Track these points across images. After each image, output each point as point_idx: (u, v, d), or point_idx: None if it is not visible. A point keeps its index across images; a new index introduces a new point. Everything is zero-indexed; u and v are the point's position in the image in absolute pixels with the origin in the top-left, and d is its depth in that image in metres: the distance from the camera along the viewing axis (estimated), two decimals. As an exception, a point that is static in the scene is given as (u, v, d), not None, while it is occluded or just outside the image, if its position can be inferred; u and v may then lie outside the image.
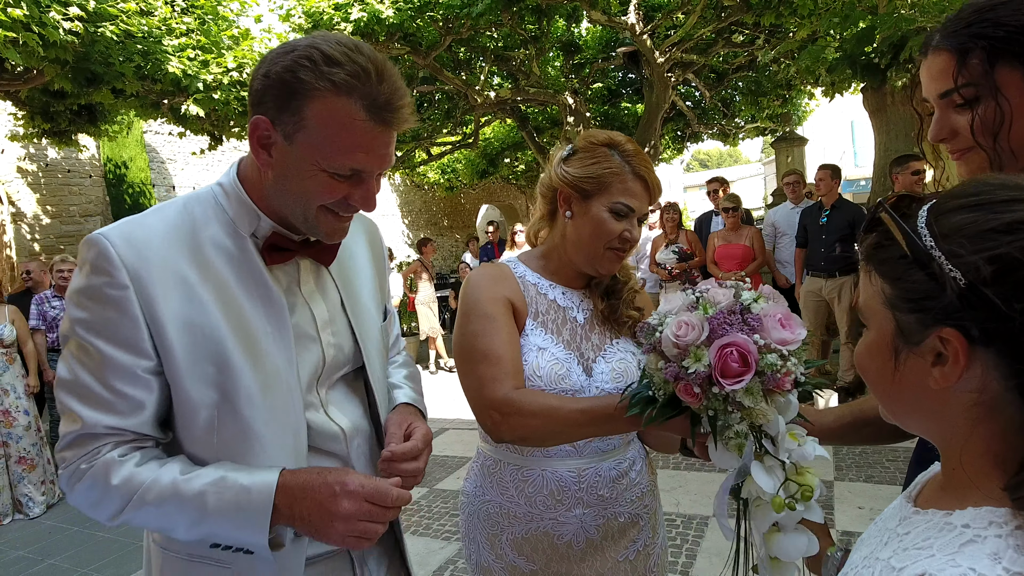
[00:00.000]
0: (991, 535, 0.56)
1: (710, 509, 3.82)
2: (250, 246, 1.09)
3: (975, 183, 0.62)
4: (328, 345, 1.16)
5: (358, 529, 1.01)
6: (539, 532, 1.38)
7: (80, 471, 1.01)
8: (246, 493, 0.99)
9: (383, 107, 0.99)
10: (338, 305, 1.20)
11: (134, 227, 1.05)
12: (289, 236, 1.12)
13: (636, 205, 1.35)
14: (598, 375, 1.38)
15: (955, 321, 0.57)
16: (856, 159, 21.24)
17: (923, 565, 0.56)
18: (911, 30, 4.29)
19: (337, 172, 1.02)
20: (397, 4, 8.86)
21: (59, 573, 3.78)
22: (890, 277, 0.63)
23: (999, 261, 0.55)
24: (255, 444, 1.06)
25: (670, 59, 10.37)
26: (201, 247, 1.06)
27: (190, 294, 1.03)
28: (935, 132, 1.02)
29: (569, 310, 1.44)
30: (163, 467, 1.02)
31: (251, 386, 1.05)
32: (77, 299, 1.02)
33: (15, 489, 4.67)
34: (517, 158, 16.40)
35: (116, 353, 1.00)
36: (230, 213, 1.09)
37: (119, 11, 6.69)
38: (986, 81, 0.93)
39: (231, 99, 7.95)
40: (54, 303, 5.68)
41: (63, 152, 12.52)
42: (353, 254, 1.27)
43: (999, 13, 0.93)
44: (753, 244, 6.17)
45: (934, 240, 0.59)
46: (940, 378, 0.60)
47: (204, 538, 1.03)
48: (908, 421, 0.68)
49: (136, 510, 1.00)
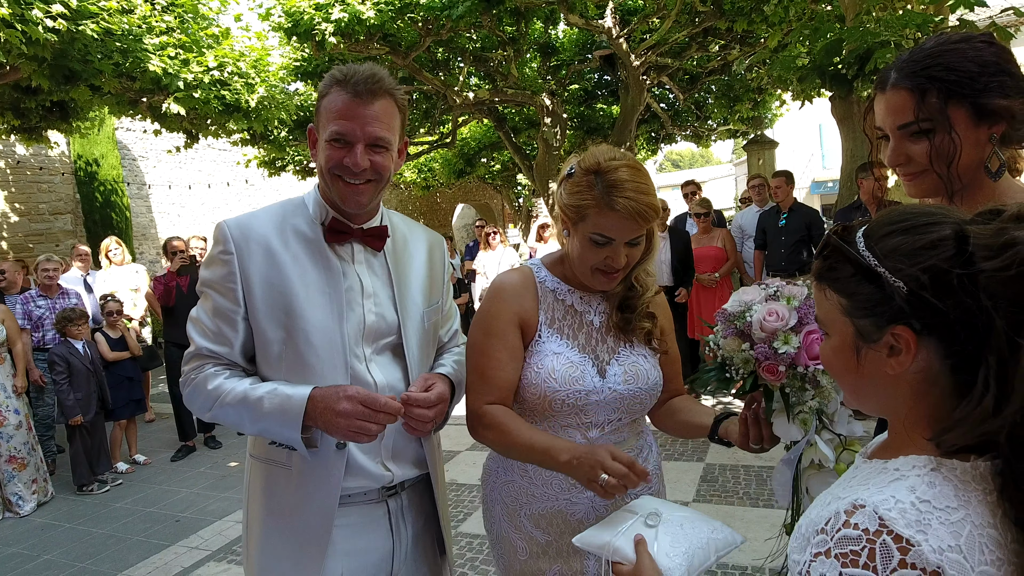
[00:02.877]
0: (912, 475, 0.74)
1: (688, 495, 4.03)
2: (319, 230, 1.48)
3: (898, 212, 0.79)
4: (368, 312, 1.48)
5: (355, 425, 1.30)
6: (554, 510, 1.52)
7: (190, 379, 1.44)
8: (288, 399, 1.34)
9: (357, 85, 1.38)
10: (387, 283, 1.53)
11: (246, 216, 1.49)
12: (346, 223, 1.48)
13: (614, 235, 1.40)
14: (611, 377, 1.49)
15: (903, 320, 0.74)
16: (824, 161, 21.80)
17: (858, 492, 0.74)
18: (876, 43, 4.53)
19: (331, 139, 1.40)
20: (378, 5, 8.91)
21: (56, 568, 3.82)
22: (845, 292, 0.80)
23: (931, 271, 0.72)
24: (308, 373, 1.41)
25: (645, 62, 10.58)
26: (286, 230, 1.46)
27: (272, 260, 1.42)
28: (892, 158, 1.19)
29: (586, 314, 1.55)
30: (240, 381, 1.41)
31: (307, 328, 1.41)
32: (206, 263, 1.47)
33: (5, 488, 4.67)
34: (493, 158, 16.53)
35: (221, 301, 1.43)
36: (310, 209, 1.50)
37: (100, 9, 6.66)
38: (941, 117, 1.11)
39: (211, 98, 7.94)
40: (39, 303, 5.67)
41: (32, 149, 12.30)
42: (412, 254, 1.61)
43: (949, 59, 1.11)
44: (725, 246, 6.43)
45: (878, 260, 0.76)
46: (896, 365, 0.77)
47: (261, 433, 1.41)
48: (868, 403, 0.86)
49: (220, 409, 1.39)
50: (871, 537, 0.70)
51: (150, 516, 4.56)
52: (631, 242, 1.43)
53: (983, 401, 0.70)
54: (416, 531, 1.57)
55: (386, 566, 1.51)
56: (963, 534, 0.70)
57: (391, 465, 1.49)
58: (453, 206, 20.04)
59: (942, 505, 0.71)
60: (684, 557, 1.15)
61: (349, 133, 1.38)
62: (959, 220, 0.75)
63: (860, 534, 0.70)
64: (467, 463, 5.06)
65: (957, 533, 0.69)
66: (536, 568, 1.55)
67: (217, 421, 1.46)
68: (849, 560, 0.70)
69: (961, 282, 0.71)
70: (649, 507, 1.28)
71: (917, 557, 0.67)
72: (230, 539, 4.04)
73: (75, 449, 5.06)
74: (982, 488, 0.73)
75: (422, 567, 1.58)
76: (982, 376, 0.71)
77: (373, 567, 1.49)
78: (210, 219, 15.70)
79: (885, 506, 0.71)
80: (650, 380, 1.53)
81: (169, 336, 5.93)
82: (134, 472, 5.54)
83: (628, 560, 1.15)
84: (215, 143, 13.08)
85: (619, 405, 1.50)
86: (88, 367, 5.14)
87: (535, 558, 1.55)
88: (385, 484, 1.49)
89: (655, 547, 1.16)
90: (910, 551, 0.68)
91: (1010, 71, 1.10)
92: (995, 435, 0.71)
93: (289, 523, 1.44)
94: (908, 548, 0.68)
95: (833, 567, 0.71)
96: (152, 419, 7.03)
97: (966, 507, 0.71)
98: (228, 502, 4.69)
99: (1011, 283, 0.69)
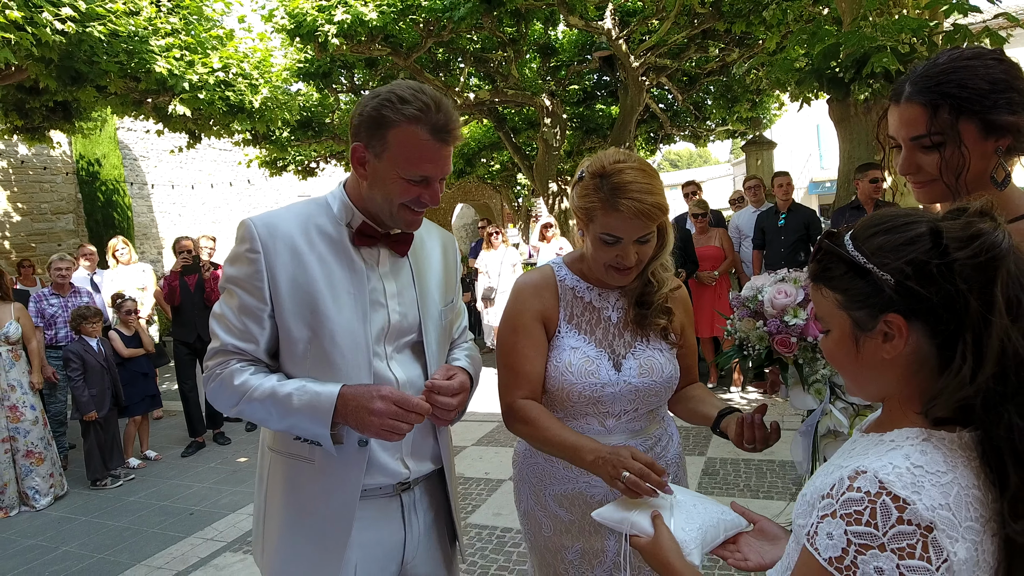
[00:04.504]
0: (906, 444, 0.85)
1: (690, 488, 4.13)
2: (344, 231, 1.50)
3: (878, 216, 0.91)
4: (393, 311, 1.53)
5: (388, 424, 1.35)
6: (575, 491, 1.64)
7: (215, 374, 1.46)
8: (317, 396, 1.38)
9: (441, 130, 1.40)
10: (410, 284, 1.58)
11: (270, 215, 1.50)
12: (375, 228, 1.52)
13: (621, 234, 1.48)
14: (627, 370, 1.59)
15: (894, 308, 0.86)
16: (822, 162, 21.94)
17: (859, 461, 0.85)
18: (872, 48, 4.64)
19: (411, 179, 1.43)
20: (380, 7, 9.00)
21: (75, 559, 3.92)
22: (840, 289, 0.91)
23: (914, 263, 0.84)
24: (333, 371, 1.45)
25: (644, 63, 10.69)
26: (311, 230, 1.48)
27: (299, 260, 1.45)
28: (904, 168, 1.27)
29: (604, 310, 1.65)
30: (267, 377, 1.44)
31: (332, 328, 1.44)
32: (231, 260, 1.49)
33: (22, 482, 4.76)
34: (493, 158, 16.60)
35: (247, 298, 1.45)
36: (334, 209, 1.52)
37: (107, 11, 6.74)
38: (952, 131, 1.18)
39: (215, 99, 8.02)
40: (52, 301, 5.76)
41: (35, 149, 12.36)
42: (428, 254, 1.65)
43: (961, 76, 1.18)
44: (722, 245, 6.56)
45: (866, 257, 0.87)
46: (891, 349, 0.87)
47: (288, 429, 1.43)
48: (868, 390, 0.96)
49: (247, 404, 1.42)
50: (872, 498, 0.79)
51: (164, 509, 4.66)
52: (640, 240, 1.51)
53: (961, 371, 0.81)
54: (428, 523, 1.63)
55: (397, 556, 1.58)
56: (952, 494, 0.80)
57: (409, 462, 1.56)
58: (452, 206, 20.12)
59: (933, 469, 0.81)
60: (698, 532, 1.22)
61: (432, 176, 1.43)
62: (932, 219, 0.86)
63: (863, 496, 0.80)
64: (474, 457, 5.17)
65: (947, 493, 0.80)
66: (559, 544, 1.66)
67: (242, 417, 1.49)
68: (853, 519, 0.80)
69: (940, 270, 0.82)
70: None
71: (912, 514, 0.77)
72: (244, 531, 4.14)
73: (89, 444, 5.16)
74: (966, 455, 0.84)
75: (436, 555, 1.65)
76: (960, 350, 0.82)
77: (385, 557, 1.56)
78: (211, 219, 15.76)
79: (884, 471, 0.81)
80: (665, 373, 1.61)
81: (176, 335, 6.02)
82: (146, 467, 5.64)
83: (645, 533, 1.22)
84: (216, 143, 13.15)
85: (634, 397, 1.59)
86: (102, 364, 5.24)
87: (559, 535, 1.66)
88: (401, 480, 1.55)
89: (671, 522, 1.23)
90: (906, 509, 0.78)
91: (1018, 87, 1.18)
92: (972, 401, 0.82)
93: (311, 516, 1.49)
94: (904, 507, 0.78)
95: (839, 526, 0.81)
96: (160, 416, 7.12)
97: (954, 471, 0.82)
98: (240, 496, 4.78)
99: (981, 268, 0.81)
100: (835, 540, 0.81)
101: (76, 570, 3.78)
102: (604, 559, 1.64)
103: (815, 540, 0.84)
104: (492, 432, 5.81)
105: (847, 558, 0.80)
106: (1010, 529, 0.82)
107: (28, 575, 3.78)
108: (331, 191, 1.56)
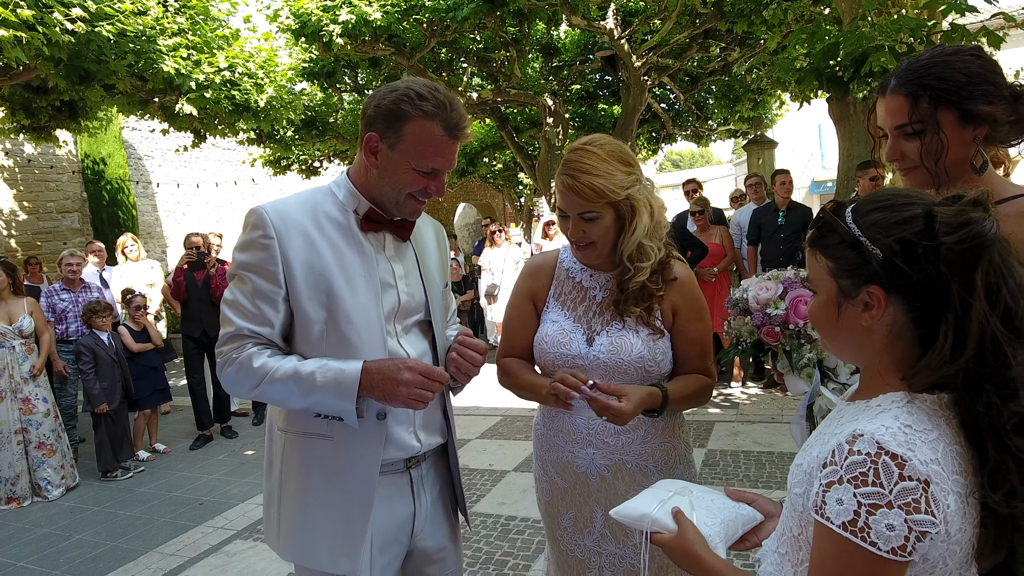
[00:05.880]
0: (893, 407, 0.92)
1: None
2: (352, 217, 1.57)
3: (881, 193, 0.98)
4: (402, 292, 1.62)
5: (415, 394, 1.43)
6: (564, 460, 1.76)
7: (232, 359, 1.49)
8: (342, 372, 1.44)
9: (454, 127, 1.50)
10: (415, 267, 1.67)
11: (279, 202, 1.55)
12: (381, 214, 1.59)
13: (564, 208, 1.65)
14: (597, 346, 1.68)
15: (876, 281, 0.92)
16: (824, 161, 21.97)
17: (853, 425, 0.91)
18: (871, 47, 4.71)
19: (422, 170, 1.51)
20: (384, 7, 9.07)
21: (89, 547, 4.01)
22: (832, 256, 0.98)
23: (902, 242, 0.90)
24: (350, 350, 1.51)
25: (646, 63, 10.77)
26: (319, 216, 1.54)
27: (311, 245, 1.50)
28: (889, 154, 1.38)
29: (591, 289, 1.76)
30: (285, 359, 1.49)
31: (348, 309, 1.51)
32: (241, 247, 1.52)
33: (34, 473, 4.86)
34: (495, 157, 16.69)
35: (261, 283, 1.49)
36: (340, 197, 1.59)
37: (115, 11, 6.83)
38: (931, 120, 1.29)
39: (221, 98, 8.10)
40: (63, 296, 5.85)
41: (40, 148, 12.45)
42: (425, 239, 1.75)
43: (940, 70, 1.29)
44: (723, 242, 6.62)
45: (861, 231, 0.94)
46: (868, 318, 0.95)
47: (311, 407, 1.48)
48: (844, 351, 1.04)
49: (268, 385, 1.46)
50: (873, 458, 0.85)
51: (174, 500, 4.75)
52: (584, 216, 1.62)
53: (943, 350, 0.88)
54: (434, 496, 1.72)
55: (408, 529, 1.66)
56: (939, 450, 0.87)
57: (421, 435, 1.64)
58: (455, 205, 20.17)
59: (921, 428, 0.88)
60: (721, 526, 1.21)
61: (442, 168, 1.54)
62: (929, 202, 0.92)
63: (864, 458, 0.85)
64: (478, 450, 5.25)
65: (935, 449, 0.87)
66: (556, 511, 1.79)
67: (261, 399, 1.51)
68: (859, 481, 0.85)
69: (925, 252, 0.89)
70: (677, 485, 1.35)
71: (911, 470, 0.84)
72: (254, 519, 4.22)
73: (100, 436, 5.25)
74: (946, 416, 0.92)
75: (442, 527, 1.74)
76: (942, 330, 0.88)
77: (397, 529, 1.63)
78: (215, 218, 15.86)
79: (879, 433, 0.87)
80: (634, 353, 1.66)
81: (184, 329, 6.10)
82: (155, 460, 5.73)
83: (668, 529, 1.19)
84: (220, 142, 13.25)
85: (604, 372, 1.68)
86: (113, 358, 5.33)
87: (555, 501, 1.79)
88: (413, 454, 1.63)
89: (693, 517, 1.21)
90: (905, 465, 0.84)
91: (994, 81, 1.28)
92: (953, 378, 0.89)
93: (332, 492, 1.53)
94: (903, 463, 0.84)
95: (847, 490, 0.85)
96: (168, 411, 7.21)
97: (938, 429, 0.89)
98: (249, 486, 4.87)
99: (965, 254, 0.87)
100: (845, 505, 0.85)
101: (90, 557, 3.87)
102: (593, 529, 1.74)
103: (824, 510, 0.87)
104: (496, 425, 5.89)
105: (859, 520, 0.84)
106: (990, 499, 0.89)
107: (44, 561, 3.86)
108: (334, 180, 1.64)
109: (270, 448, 1.67)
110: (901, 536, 0.83)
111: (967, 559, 0.90)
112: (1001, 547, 0.91)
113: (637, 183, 1.63)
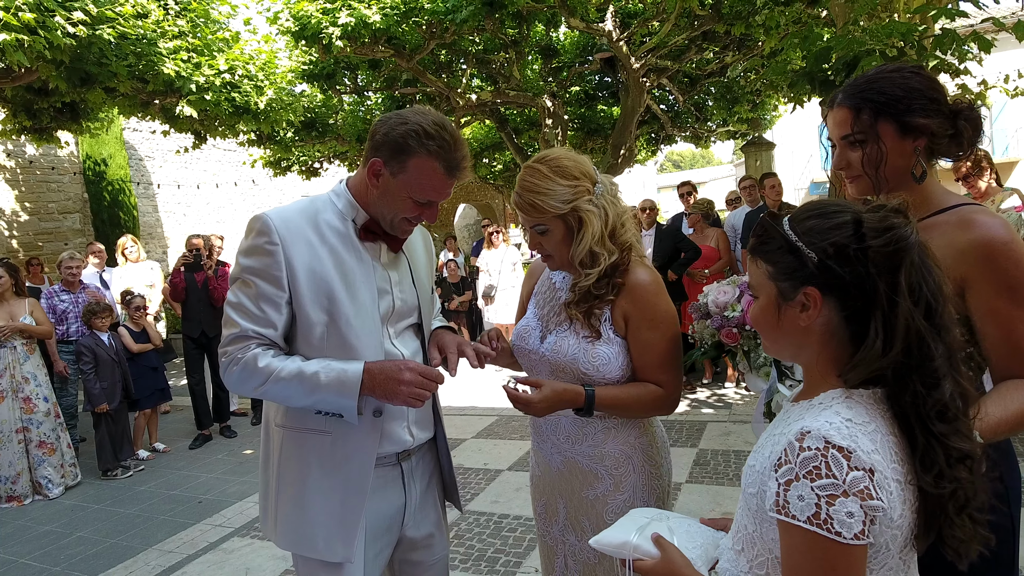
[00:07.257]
0: (834, 404, 0.98)
1: (681, 477, 4.27)
2: (351, 226, 1.66)
3: (815, 203, 1.05)
4: (397, 298, 1.72)
5: (415, 392, 1.53)
6: (537, 450, 1.89)
7: (236, 359, 1.56)
8: (344, 372, 1.54)
9: (455, 168, 1.61)
10: (408, 274, 1.78)
11: (282, 210, 1.63)
12: (378, 225, 1.68)
13: (523, 222, 1.74)
14: (546, 344, 1.77)
15: (812, 282, 1.00)
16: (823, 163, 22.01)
17: (800, 424, 0.97)
18: (862, 51, 4.77)
19: (418, 200, 1.62)
20: (384, 9, 9.13)
21: (90, 544, 4.08)
22: (772, 261, 1.05)
23: (835, 246, 0.98)
24: (350, 351, 1.60)
25: (645, 64, 10.81)
26: (320, 224, 1.63)
27: (313, 252, 1.59)
28: (836, 163, 1.48)
29: (561, 291, 1.82)
30: (289, 359, 1.58)
31: (348, 313, 1.60)
32: (246, 251, 1.59)
33: (35, 472, 4.92)
34: (495, 158, 16.76)
35: (266, 287, 1.56)
36: (339, 206, 1.67)
37: (116, 14, 6.90)
38: (871, 131, 1.38)
39: (222, 100, 8.17)
40: (63, 297, 5.92)
41: (42, 149, 12.53)
42: (415, 248, 1.85)
43: (881, 84, 1.39)
44: (718, 245, 6.68)
45: (798, 236, 1.01)
46: (806, 318, 1.01)
47: (313, 404, 1.57)
48: (784, 352, 1.11)
49: (273, 384, 1.54)
50: (823, 452, 0.91)
51: (173, 498, 4.81)
52: (535, 228, 1.70)
53: (875, 345, 0.95)
54: (423, 488, 1.82)
55: (399, 518, 1.76)
56: (878, 441, 0.94)
57: (414, 429, 1.74)
58: (455, 206, 20.27)
59: (860, 421, 0.95)
60: (701, 550, 1.22)
61: (437, 200, 1.64)
62: (857, 210, 1.00)
63: (814, 452, 0.91)
64: (473, 449, 5.31)
65: (874, 440, 0.93)
66: (534, 498, 1.92)
67: (265, 397, 1.60)
68: (814, 475, 0.90)
69: (856, 254, 0.97)
70: (652, 513, 1.36)
71: (857, 460, 0.90)
72: (252, 517, 4.28)
73: (100, 436, 5.32)
74: (880, 410, 0.99)
75: (430, 517, 1.84)
76: (872, 327, 0.96)
77: (388, 519, 1.73)
78: (216, 219, 15.94)
79: (824, 428, 0.93)
80: (568, 354, 1.70)
81: (184, 330, 6.16)
82: (155, 459, 5.80)
83: (650, 555, 1.20)
84: (221, 143, 13.33)
85: (549, 368, 1.76)
86: (113, 358, 5.39)
87: (533, 488, 1.93)
88: (406, 448, 1.73)
89: (674, 541, 1.22)
90: (851, 456, 0.90)
91: (932, 96, 1.36)
92: (884, 372, 0.96)
93: (328, 484, 1.62)
94: (850, 455, 0.90)
95: (805, 486, 0.90)
96: (167, 411, 7.28)
97: (875, 421, 0.96)
98: (247, 485, 4.93)
99: (890, 256, 0.95)
100: (806, 500, 0.90)
101: (91, 554, 3.94)
102: (558, 518, 1.83)
103: (788, 508, 0.91)
104: (491, 425, 5.96)
105: (822, 512, 0.89)
106: (923, 481, 0.95)
107: (45, 558, 3.93)
108: (333, 189, 1.71)
109: (267, 443, 1.74)
110: (860, 521, 0.89)
111: (907, 543, 0.97)
112: (932, 528, 0.98)
113: (585, 194, 1.64)
